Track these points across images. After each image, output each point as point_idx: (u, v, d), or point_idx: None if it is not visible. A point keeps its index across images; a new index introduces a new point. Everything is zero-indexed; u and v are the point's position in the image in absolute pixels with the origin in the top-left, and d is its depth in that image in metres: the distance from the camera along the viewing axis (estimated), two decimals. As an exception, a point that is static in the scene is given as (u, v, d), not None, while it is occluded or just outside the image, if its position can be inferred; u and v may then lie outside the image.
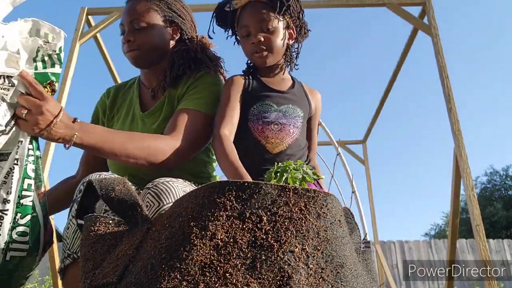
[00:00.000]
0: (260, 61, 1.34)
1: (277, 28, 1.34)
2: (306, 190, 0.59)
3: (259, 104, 1.32)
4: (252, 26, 1.32)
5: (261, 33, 1.32)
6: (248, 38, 1.34)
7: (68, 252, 1.04)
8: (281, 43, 1.36)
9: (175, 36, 1.41)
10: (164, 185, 0.98)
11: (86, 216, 0.67)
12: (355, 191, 3.41)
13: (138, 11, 1.34)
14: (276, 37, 1.34)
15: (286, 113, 1.32)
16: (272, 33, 1.33)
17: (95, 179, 0.66)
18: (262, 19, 1.32)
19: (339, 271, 0.55)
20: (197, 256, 0.52)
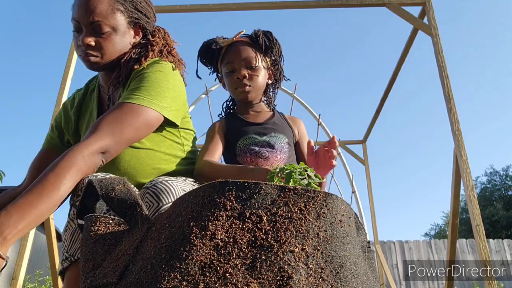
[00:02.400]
0: (243, 96, 1.40)
1: (260, 67, 1.42)
2: (305, 191, 0.59)
3: (243, 139, 1.36)
4: (237, 62, 1.40)
5: (245, 70, 1.39)
6: (233, 74, 1.40)
7: (66, 254, 1.04)
8: (263, 81, 1.44)
9: (137, 37, 1.26)
10: (163, 184, 0.97)
11: (86, 216, 0.67)
12: (355, 191, 3.41)
13: (101, 12, 1.15)
14: (258, 75, 1.41)
15: (271, 141, 1.34)
16: (256, 70, 1.41)
17: (95, 179, 0.66)
18: (247, 57, 1.40)
19: (339, 271, 0.55)
20: (197, 256, 0.52)
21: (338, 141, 3.68)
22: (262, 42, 1.42)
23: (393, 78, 3.17)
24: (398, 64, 3.02)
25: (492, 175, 16.48)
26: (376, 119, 3.81)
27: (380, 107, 3.60)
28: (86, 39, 1.14)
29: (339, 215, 0.60)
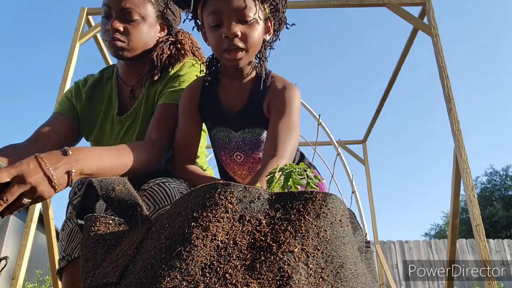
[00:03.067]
0: (232, 63, 1.06)
1: (256, 20, 1.05)
2: (303, 192, 0.59)
3: (217, 131, 1.18)
4: (226, 13, 1.01)
5: (237, 25, 1.02)
6: (219, 29, 1.03)
7: (63, 254, 1.04)
8: (260, 39, 1.08)
9: (162, 33, 1.29)
10: (159, 187, 0.97)
11: (86, 216, 0.67)
12: (355, 191, 3.41)
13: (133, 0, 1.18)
14: (255, 31, 1.05)
15: (246, 139, 1.14)
16: (251, 25, 1.04)
17: (96, 179, 0.66)
18: (240, 6, 1.01)
19: (339, 271, 0.55)
20: (197, 256, 0.52)
21: (338, 141, 3.68)
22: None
23: (393, 78, 3.17)
24: (398, 64, 3.02)
25: (492, 175, 16.49)
26: (376, 119, 3.81)
27: (380, 107, 3.59)
28: (115, 24, 1.16)
29: (339, 215, 0.60)
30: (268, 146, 1.00)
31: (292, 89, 1.11)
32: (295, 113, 1.06)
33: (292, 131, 1.01)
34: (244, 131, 1.15)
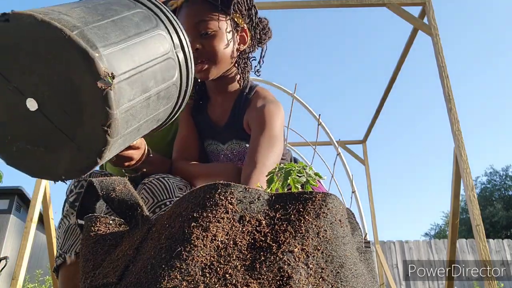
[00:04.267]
0: (201, 75, 1.08)
1: (219, 31, 1.05)
2: (302, 193, 0.59)
3: (207, 144, 1.21)
4: (188, 31, 0.99)
5: (197, 39, 1.04)
6: None
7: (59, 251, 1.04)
8: (228, 50, 1.08)
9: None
10: (159, 181, 0.99)
11: (86, 216, 0.67)
12: (355, 191, 3.41)
13: None
14: (218, 42, 1.05)
15: (234, 150, 1.16)
16: (212, 37, 1.05)
17: (96, 179, 0.66)
18: (199, 21, 1.04)
19: (339, 271, 0.55)
20: (197, 256, 0.52)
21: (338, 141, 3.68)
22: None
23: (393, 78, 3.17)
24: (398, 64, 3.02)
25: (492, 175, 16.50)
26: (376, 119, 3.82)
27: (380, 107, 3.60)
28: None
29: (339, 215, 0.60)
30: (248, 159, 0.97)
31: (273, 104, 1.08)
32: (277, 127, 1.03)
33: (273, 145, 0.99)
34: (231, 142, 1.17)
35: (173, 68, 0.74)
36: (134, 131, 0.67)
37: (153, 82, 0.67)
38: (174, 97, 0.77)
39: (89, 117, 0.58)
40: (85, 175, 1.09)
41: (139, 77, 0.64)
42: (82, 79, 0.56)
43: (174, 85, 0.75)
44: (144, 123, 0.69)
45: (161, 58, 0.71)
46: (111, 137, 0.58)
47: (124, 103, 0.60)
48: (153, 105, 0.69)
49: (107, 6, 0.69)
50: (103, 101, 0.56)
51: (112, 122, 0.57)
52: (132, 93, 0.62)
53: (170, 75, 0.73)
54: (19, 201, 8.93)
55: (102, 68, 0.56)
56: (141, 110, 0.65)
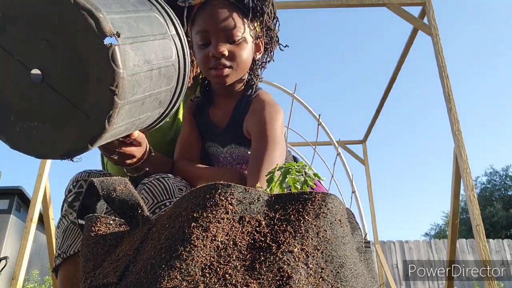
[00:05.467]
0: (218, 80, 1.06)
1: (245, 40, 1.04)
2: (302, 193, 0.59)
3: (208, 146, 1.20)
4: (213, 33, 1.01)
5: (224, 44, 1.02)
6: (206, 48, 1.03)
7: (58, 251, 1.04)
8: (249, 58, 1.08)
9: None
10: (158, 181, 0.98)
11: (87, 216, 0.67)
12: (355, 191, 3.41)
13: None
14: (243, 51, 1.04)
15: (233, 154, 1.15)
16: (239, 45, 1.03)
17: (96, 179, 0.66)
18: (228, 26, 1.01)
19: (339, 271, 0.55)
20: (197, 257, 0.52)
21: (338, 141, 3.68)
22: (248, 2, 1.02)
23: (393, 78, 3.17)
24: (398, 64, 3.02)
25: (492, 175, 16.50)
26: (376, 119, 3.82)
27: (380, 107, 3.60)
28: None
29: (339, 215, 0.60)
30: (251, 167, 0.95)
31: (273, 107, 1.06)
32: (277, 131, 1.01)
33: (275, 149, 0.96)
34: (231, 146, 1.16)
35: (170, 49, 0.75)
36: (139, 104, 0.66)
37: (154, 55, 0.68)
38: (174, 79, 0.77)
39: (96, 81, 0.58)
40: (85, 176, 1.10)
41: (141, 46, 0.65)
42: (88, 41, 0.57)
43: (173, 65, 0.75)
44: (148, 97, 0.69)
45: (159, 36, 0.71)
46: (119, 98, 0.58)
47: (130, 65, 0.60)
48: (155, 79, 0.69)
49: None
50: (110, 59, 0.57)
51: (119, 82, 0.58)
52: (136, 59, 0.63)
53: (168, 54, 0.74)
54: (19, 201, 8.93)
55: (108, 26, 0.57)
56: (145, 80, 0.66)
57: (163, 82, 0.73)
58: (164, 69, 0.72)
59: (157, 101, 0.74)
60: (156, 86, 0.71)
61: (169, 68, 0.74)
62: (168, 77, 0.75)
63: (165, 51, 0.73)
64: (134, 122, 0.71)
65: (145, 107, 0.71)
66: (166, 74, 0.73)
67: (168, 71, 0.74)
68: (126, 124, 0.67)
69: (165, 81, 0.74)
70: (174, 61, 0.76)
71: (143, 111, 0.71)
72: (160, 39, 0.72)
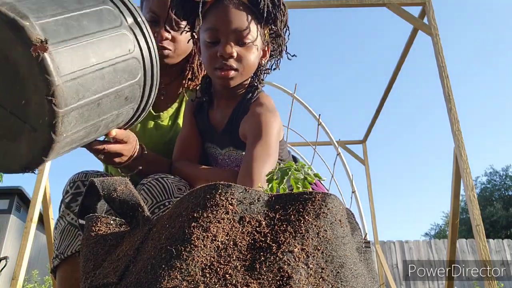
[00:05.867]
0: (223, 81, 1.04)
1: (254, 43, 1.03)
2: (302, 193, 0.59)
3: (207, 146, 1.20)
4: (223, 33, 1.00)
5: (234, 46, 1.00)
6: (214, 47, 1.01)
7: (56, 252, 1.04)
8: (256, 63, 1.07)
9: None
10: (157, 181, 0.98)
11: (87, 216, 0.67)
12: (355, 191, 3.41)
13: None
14: (251, 55, 1.03)
15: (231, 157, 1.14)
16: (248, 48, 1.02)
17: (97, 179, 0.66)
18: (239, 28, 0.99)
19: (339, 271, 0.55)
20: (197, 257, 0.52)
21: (338, 141, 3.68)
22: (264, 7, 1.00)
23: (393, 78, 3.17)
24: (398, 64, 3.02)
25: (492, 175, 16.50)
26: (376, 119, 3.82)
27: (380, 107, 3.60)
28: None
29: (339, 215, 0.60)
30: (243, 171, 0.93)
31: (271, 113, 1.04)
32: (274, 137, 1.00)
33: (269, 158, 0.95)
34: (229, 149, 1.15)
35: (128, 41, 0.71)
36: (93, 105, 0.63)
37: (103, 52, 0.64)
38: (139, 71, 0.73)
39: (33, 92, 0.55)
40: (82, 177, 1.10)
41: (84, 46, 0.61)
42: (18, 52, 0.54)
43: (134, 58, 0.71)
44: (105, 97, 0.65)
45: (111, 30, 0.68)
46: (58, 107, 0.55)
47: (66, 70, 0.57)
48: (110, 77, 0.66)
49: None
50: (40, 68, 0.54)
51: (55, 90, 0.54)
52: (77, 61, 0.59)
53: (125, 47, 0.70)
54: (19, 201, 8.94)
55: (34, 35, 0.54)
56: (94, 81, 0.62)
57: (123, 78, 0.69)
58: (122, 64, 0.69)
59: (120, 97, 0.71)
60: (114, 83, 0.67)
61: (128, 62, 0.70)
62: (129, 71, 0.71)
63: (120, 44, 0.69)
64: (96, 124, 0.67)
65: (106, 107, 0.67)
66: (125, 68, 0.70)
67: (127, 65, 0.70)
68: (85, 129, 0.64)
69: (126, 76, 0.70)
70: (135, 53, 0.72)
71: (104, 111, 0.68)
72: (113, 33, 0.68)
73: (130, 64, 0.71)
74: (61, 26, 0.59)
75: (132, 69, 0.72)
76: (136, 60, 0.72)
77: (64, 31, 0.59)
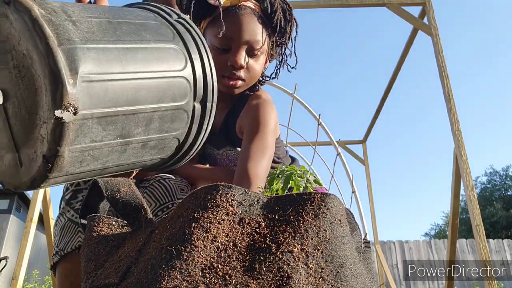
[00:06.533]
0: (229, 89, 1.04)
1: (263, 53, 1.03)
2: (301, 194, 0.59)
3: (205, 147, 1.18)
4: (236, 42, 0.98)
5: (244, 56, 1.00)
6: (224, 54, 1.00)
7: (56, 249, 1.04)
8: (260, 71, 1.07)
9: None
10: (159, 183, 0.98)
11: (89, 216, 0.67)
12: (355, 191, 3.41)
13: None
14: (259, 65, 1.04)
15: (230, 156, 1.14)
16: (257, 58, 1.03)
17: (101, 180, 0.66)
18: (252, 39, 0.99)
19: (339, 271, 0.55)
20: (198, 257, 0.52)
21: (338, 141, 3.68)
22: (277, 21, 1.01)
23: (393, 78, 3.17)
24: (398, 64, 3.03)
25: (492, 175, 16.50)
26: (376, 119, 3.82)
27: (380, 107, 3.60)
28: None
29: (339, 215, 0.60)
30: (240, 166, 0.91)
31: (267, 107, 1.03)
32: (270, 132, 0.99)
33: (265, 152, 0.94)
34: (226, 149, 1.15)
35: (181, 120, 0.64)
36: (95, 170, 0.59)
37: (141, 129, 0.58)
38: (171, 149, 0.67)
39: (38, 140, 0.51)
40: None
41: (122, 120, 0.56)
42: (43, 100, 0.49)
43: (175, 138, 0.65)
44: (115, 167, 0.61)
45: (167, 105, 0.60)
46: (50, 172, 0.52)
47: (84, 143, 0.53)
48: (132, 152, 0.61)
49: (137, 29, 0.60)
50: (53, 134, 0.49)
51: (55, 159, 0.51)
52: (102, 135, 0.54)
53: (172, 127, 0.63)
54: (19, 201, 8.94)
55: (68, 99, 0.49)
56: (111, 154, 0.58)
57: (149, 153, 0.63)
58: (156, 142, 0.62)
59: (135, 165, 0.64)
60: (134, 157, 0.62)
61: (165, 141, 0.64)
62: (162, 148, 0.65)
63: (170, 123, 0.62)
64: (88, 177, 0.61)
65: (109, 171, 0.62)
66: (157, 145, 0.63)
67: (162, 143, 0.64)
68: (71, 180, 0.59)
69: (154, 152, 0.64)
70: (179, 134, 0.65)
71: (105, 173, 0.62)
72: (167, 110, 0.60)
73: (165, 143, 0.64)
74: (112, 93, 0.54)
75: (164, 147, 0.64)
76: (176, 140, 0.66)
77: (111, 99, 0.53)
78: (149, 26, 0.62)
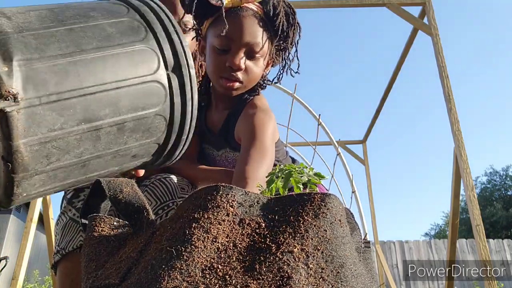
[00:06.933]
0: (226, 91, 1.04)
1: (263, 57, 1.03)
2: (301, 195, 0.60)
3: (204, 147, 1.19)
4: (237, 43, 0.98)
5: (243, 57, 0.99)
6: (223, 54, 1.00)
7: (57, 248, 1.04)
8: (259, 74, 1.07)
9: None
10: (160, 182, 0.98)
11: (90, 216, 0.67)
12: (355, 191, 3.41)
13: None
14: (258, 68, 1.04)
15: (228, 158, 1.14)
16: (256, 61, 1.02)
17: (104, 179, 0.66)
18: (252, 41, 0.98)
19: (339, 271, 0.55)
20: (198, 258, 0.52)
21: (338, 141, 3.69)
22: (279, 24, 1.01)
23: (393, 78, 3.17)
24: (398, 64, 3.03)
25: (492, 175, 16.50)
26: (376, 119, 3.82)
27: (380, 107, 3.60)
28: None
29: (339, 215, 0.60)
30: (239, 170, 0.90)
31: (265, 113, 1.03)
32: (268, 137, 0.98)
33: (264, 156, 0.93)
34: (225, 150, 1.15)
35: (157, 94, 0.59)
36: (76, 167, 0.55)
37: (109, 109, 0.54)
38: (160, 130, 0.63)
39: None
40: None
41: (80, 102, 0.52)
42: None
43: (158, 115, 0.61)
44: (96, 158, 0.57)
45: (133, 80, 0.57)
46: (14, 172, 0.49)
47: (41, 133, 0.49)
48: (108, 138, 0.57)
49: (84, 11, 0.57)
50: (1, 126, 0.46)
51: (13, 156, 0.48)
52: (60, 122, 0.50)
53: (149, 103, 0.59)
54: (19, 201, 8.91)
55: (5, 86, 0.46)
56: (81, 143, 0.54)
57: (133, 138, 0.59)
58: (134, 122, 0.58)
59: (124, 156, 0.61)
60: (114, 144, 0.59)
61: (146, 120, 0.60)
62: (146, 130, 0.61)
63: (144, 99, 0.58)
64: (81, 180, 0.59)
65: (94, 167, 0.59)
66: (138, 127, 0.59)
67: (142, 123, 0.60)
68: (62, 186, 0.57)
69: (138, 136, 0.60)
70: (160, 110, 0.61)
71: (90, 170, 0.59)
72: (136, 84, 0.57)
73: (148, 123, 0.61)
74: (57, 74, 0.50)
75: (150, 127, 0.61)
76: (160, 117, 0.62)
77: (55, 81, 0.49)
78: (101, 7, 0.59)
